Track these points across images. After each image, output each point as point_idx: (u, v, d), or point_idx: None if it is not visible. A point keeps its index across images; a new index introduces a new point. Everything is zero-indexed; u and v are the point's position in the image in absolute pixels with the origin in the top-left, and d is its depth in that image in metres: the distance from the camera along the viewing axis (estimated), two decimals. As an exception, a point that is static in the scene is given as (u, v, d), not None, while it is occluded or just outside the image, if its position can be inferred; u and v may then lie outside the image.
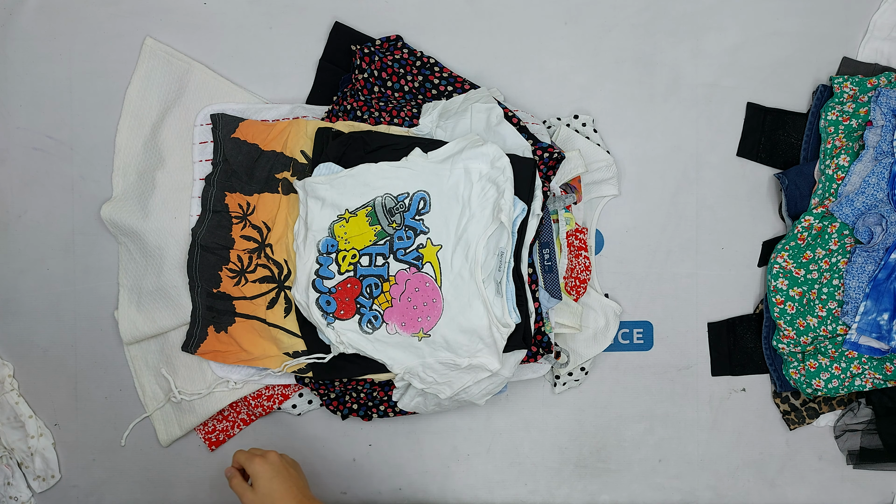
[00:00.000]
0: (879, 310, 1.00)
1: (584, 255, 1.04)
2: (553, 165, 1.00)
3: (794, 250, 1.03)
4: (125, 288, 1.04)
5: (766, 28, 1.08)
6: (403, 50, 1.05)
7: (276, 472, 0.90)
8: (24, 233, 1.07)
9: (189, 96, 1.05)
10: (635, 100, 1.08)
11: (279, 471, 0.90)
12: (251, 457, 0.91)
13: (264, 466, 0.90)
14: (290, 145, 1.02)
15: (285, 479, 0.90)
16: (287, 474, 0.90)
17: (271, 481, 0.89)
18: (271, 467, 0.90)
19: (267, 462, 0.90)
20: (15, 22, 1.07)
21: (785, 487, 1.09)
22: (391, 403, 1.04)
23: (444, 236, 0.97)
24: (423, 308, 0.97)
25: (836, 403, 1.07)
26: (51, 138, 1.07)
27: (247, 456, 0.92)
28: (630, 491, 1.09)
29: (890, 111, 1.00)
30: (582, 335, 1.05)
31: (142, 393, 1.06)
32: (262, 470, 0.89)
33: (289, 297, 1.02)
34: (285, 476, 0.90)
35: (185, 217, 1.04)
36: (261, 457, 0.91)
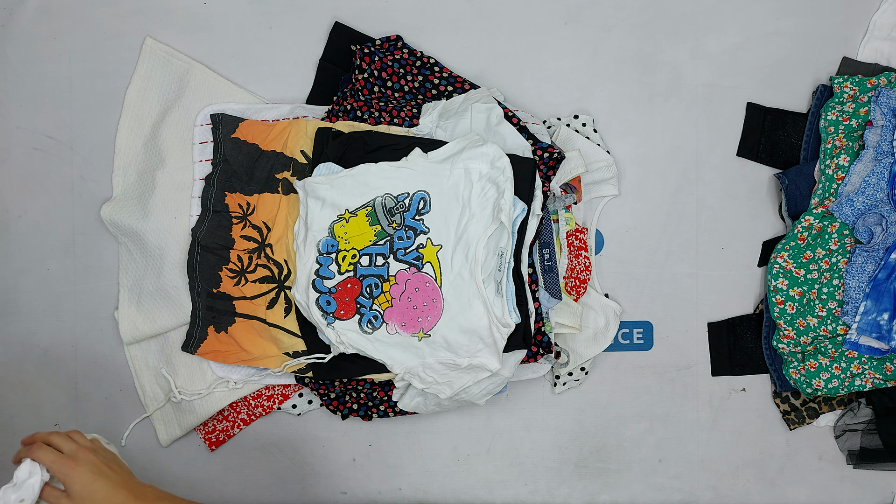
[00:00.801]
0: (879, 310, 1.00)
1: (584, 255, 1.04)
2: (553, 165, 1.00)
3: (794, 250, 1.03)
4: (125, 288, 1.04)
5: (766, 28, 1.08)
6: (403, 50, 1.05)
7: (98, 474, 0.76)
8: (24, 233, 1.07)
9: (189, 96, 1.05)
10: (635, 100, 1.08)
11: (100, 471, 0.76)
12: (60, 460, 0.76)
13: (79, 470, 0.75)
14: (290, 145, 1.02)
15: (108, 478, 0.77)
16: (109, 471, 0.77)
17: (92, 484, 0.75)
18: (89, 469, 0.76)
19: (81, 464, 0.76)
20: (15, 22, 1.07)
21: (785, 487, 1.09)
22: (391, 403, 1.04)
23: (444, 236, 0.97)
24: (423, 308, 0.97)
25: (836, 403, 1.07)
26: (51, 138, 1.07)
27: (53, 458, 0.76)
28: (630, 491, 1.09)
29: (890, 111, 1.00)
30: (582, 335, 1.05)
31: (142, 393, 1.06)
32: (78, 475, 0.75)
33: (289, 297, 1.02)
34: (108, 475, 0.77)
35: (185, 217, 1.04)
36: (72, 459, 0.76)
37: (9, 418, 1.07)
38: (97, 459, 0.77)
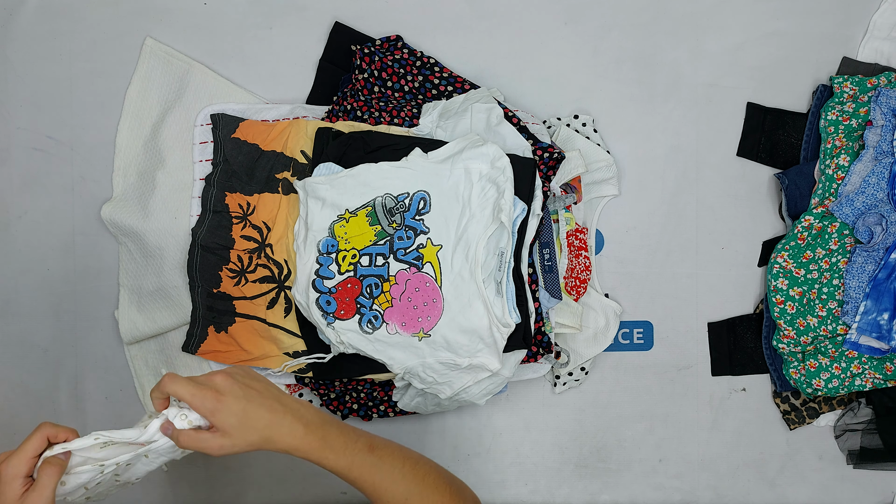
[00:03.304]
0: (879, 309, 1.00)
1: (584, 255, 1.04)
2: (553, 165, 1.00)
3: (794, 250, 1.03)
4: (125, 288, 1.04)
5: (766, 28, 1.08)
6: (403, 50, 1.05)
7: (247, 400, 0.68)
8: (24, 233, 1.07)
9: (189, 96, 1.05)
10: (635, 100, 1.08)
11: (248, 395, 0.68)
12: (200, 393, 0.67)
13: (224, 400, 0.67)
14: (291, 145, 1.02)
15: (259, 402, 0.68)
16: (257, 394, 0.69)
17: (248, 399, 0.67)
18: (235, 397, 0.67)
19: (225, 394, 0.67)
20: (15, 22, 1.07)
21: (785, 487, 1.09)
22: (391, 403, 1.04)
23: (445, 236, 0.97)
24: (424, 308, 0.97)
25: (836, 403, 1.07)
26: (51, 138, 1.07)
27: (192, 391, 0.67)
28: (630, 491, 1.09)
29: (890, 111, 1.00)
30: (582, 335, 1.05)
31: (142, 393, 1.06)
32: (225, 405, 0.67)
33: (289, 297, 1.02)
34: (256, 398, 0.68)
35: (186, 217, 1.04)
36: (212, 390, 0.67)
37: (9, 418, 1.07)
38: (239, 383, 0.68)
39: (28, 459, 0.67)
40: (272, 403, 0.69)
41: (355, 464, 0.72)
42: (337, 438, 0.72)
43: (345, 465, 0.72)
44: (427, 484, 0.75)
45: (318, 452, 0.71)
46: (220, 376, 0.68)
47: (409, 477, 0.75)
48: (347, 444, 0.73)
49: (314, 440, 0.71)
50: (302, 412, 0.71)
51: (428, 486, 0.75)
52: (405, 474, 0.75)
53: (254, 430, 0.68)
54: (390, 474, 0.74)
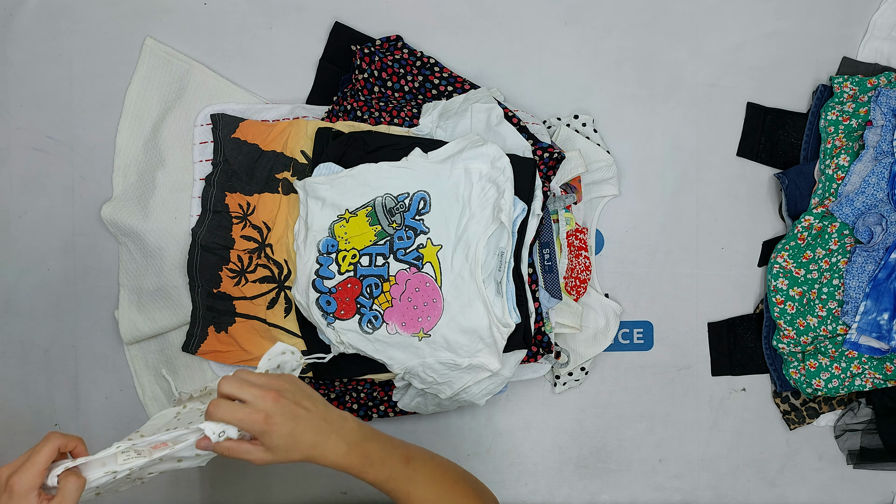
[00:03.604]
0: (879, 309, 1.00)
1: (584, 255, 1.04)
2: (553, 165, 1.00)
3: (794, 250, 1.03)
4: (125, 288, 1.04)
5: (766, 28, 1.08)
6: (403, 50, 1.05)
7: (295, 419, 0.68)
8: (24, 233, 1.07)
9: (189, 96, 1.05)
10: (635, 100, 1.08)
11: (296, 415, 0.68)
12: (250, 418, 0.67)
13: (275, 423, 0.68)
14: (291, 145, 1.02)
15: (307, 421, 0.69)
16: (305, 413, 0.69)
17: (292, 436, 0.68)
18: (285, 419, 0.68)
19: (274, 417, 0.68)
20: (15, 22, 1.07)
21: (785, 487, 1.09)
22: (391, 403, 1.04)
23: (445, 236, 0.97)
24: (424, 308, 0.97)
25: (836, 403, 1.07)
26: (51, 138, 1.07)
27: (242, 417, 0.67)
28: (630, 491, 1.09)
29: (890, 111, 1.00)
30: (582, 335, 1.05)
31: (142, 393, 1.06)
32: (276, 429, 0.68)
33: (289, 297, 1.02)
34: (305, 418, 0.69)
35: (186, 217, 1.04)
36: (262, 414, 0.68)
37: (9, 418, 1.07)
38: (289, 403, 0.68)
39: (41, 472, 0.66)
40: (319, 424, 0.71)
41: (392, 476, 0.75)
42: (376, 453, 0.75)
43: (383, 479, 0.75)
44: (456, 492, 0.79)
45: (358, 468, 0.74)
46: (272, 397, 0.69)
47: (440, 485, 0.78)
48: (385, 459, 0.75)
49: (356, 458, 0.73)
50: (346, 430, 0.73)
51: (457, 493, 0.79)
52: (436, 483, 0.78)
53: (298, 450, 0.70)
54: (423, 484, 0.76)
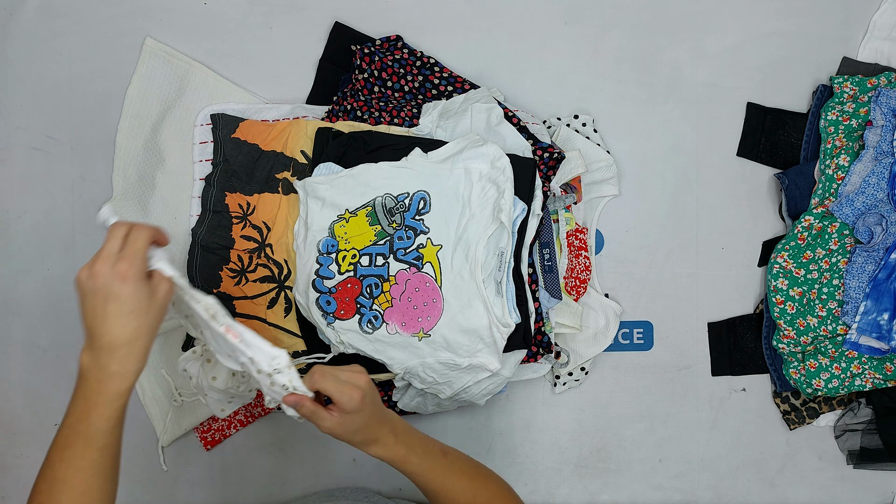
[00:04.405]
0: (879, 310, 1.00)
1: (584, 255, 1.04)
2: (553, 165, 1.00)
3: (794, 250, 1.03)
4: (125, 288, 1.04)
5: (766, 28, 1.08)
6: (403, 50, 1.05)
7: (375, 394, 0.75)
8: (24, 233, 1.07)
9: (189, 96, 1.05)
10: (635, 100, 1.08)
11: (376, 392, 0.76)
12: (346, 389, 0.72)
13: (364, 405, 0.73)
14: (291, 145, 1.02)
15: (379, 401, 0.76)
16: (378, 396, 0.76)
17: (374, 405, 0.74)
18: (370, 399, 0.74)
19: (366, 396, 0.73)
20: (15, 22, 1.07)
21: (785, 487, 1.09)
22: (391, 403, 1.04)
23: (444, 236, 0.97)
24: (424, 308, 0.97)
25: (836, 403, 1.07)
26: (51, 138, 1.07)
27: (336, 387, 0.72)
28: (630, 491, 1.09)
29: (890, 111, 1.00)
30: (582, 335, 1.05)
31: (142, 393, 1.06)
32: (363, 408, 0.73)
33: (289, 297, 1.02)
34: (378, 398, 0.76)
35: (185, 217, 1.05)
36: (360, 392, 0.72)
37: (9, 418, 1.07)
38: (368, 384, 0.74)
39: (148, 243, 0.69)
40: (381, 416, 0.76)
41: (432, 468, 0.79)
42: (418, 445, 0.79)
43: (424, 469, 0.78)
44: (488, 484, 0.83)
45: (402, 458, 0.77)
46: (365, 379, 0.74)
47: (474, 477, 0.82)
48: (426, 450, 0.79)
49: (401, 448, 0.77)
50: (395, 423, 0.78)
51: (489, 485, 0.83)
52: (470, 475, 0.82)
53: (363, 434, 0.75)
54: (459, 475, 0.80)
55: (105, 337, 0.66)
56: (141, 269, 0.67)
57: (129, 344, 0.67)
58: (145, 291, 0.67)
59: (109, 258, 0.67)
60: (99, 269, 0.66)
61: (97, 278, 0.66)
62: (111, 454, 0.69)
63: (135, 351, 0.68)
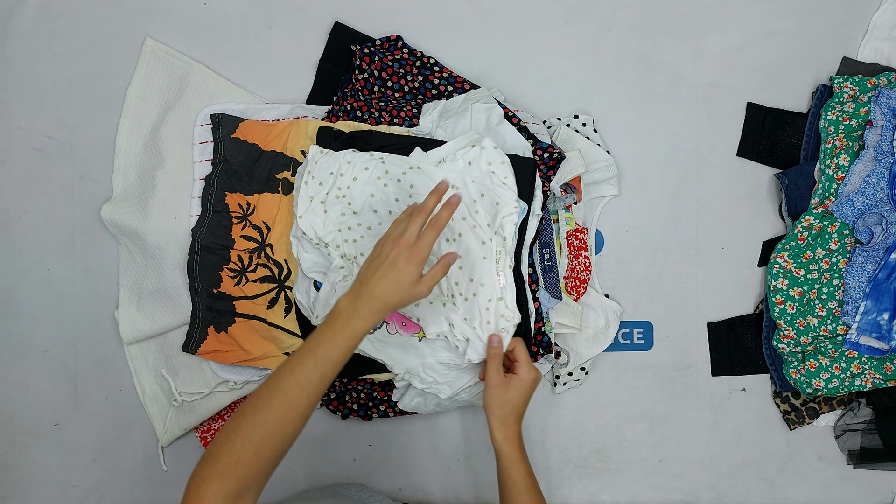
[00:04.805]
0: (879, 310, 1.00)
1: (584, 255, 1.04)
2: (553, 165, 1.00)
3: (794, 250, 1.03)
4: (125, 288, 1.04)
5: (766, 28, 1.08)
6: (403, 50, 1.05)
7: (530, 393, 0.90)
8: (24, 233, 1.07)
9: (189, 96, 1.05)
10: (635, 100, 1.08)
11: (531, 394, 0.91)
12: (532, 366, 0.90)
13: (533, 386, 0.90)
14: (291, 145, 1.02)
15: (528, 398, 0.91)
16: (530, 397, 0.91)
17: (531, 396, 0.90)
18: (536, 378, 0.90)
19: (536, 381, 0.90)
20: (15, 22, 1.07)
21: (785, 487, 1.09)
22: (391, 403, 1.04)
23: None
24: (424, 308, 0.97)
25: (836, 403, 1.07)
26: (51, 138, 1.07)
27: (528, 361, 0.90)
28: (630, 491, 1.09)
29: (890, 111, 1.00)
30: (582, 335, 1.05)
31: (142, 393, 1.06)
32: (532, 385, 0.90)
33: (289, 297, 1.02)
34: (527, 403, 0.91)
35: (186, 217, 1.04)
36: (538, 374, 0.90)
37: (9, 418, 1.07)
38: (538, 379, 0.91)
39: None
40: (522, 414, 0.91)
41: (530, 468, 0.90)
42: (523, 456, 0.90)
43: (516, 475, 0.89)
44: None
45: (505, 453, 0.89)
46: (540, 375, 0.91)
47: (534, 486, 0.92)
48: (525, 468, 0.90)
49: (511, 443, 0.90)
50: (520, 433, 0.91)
51: None
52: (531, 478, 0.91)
53: (504, 407, 0.89)
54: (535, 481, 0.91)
55: (372, 289, 0.81)
56: (424, 260, 0.82)
57: (383, 302, 0.81)
58: (416, 278, 0.81)
59: (410, 239, 0.81)
60: (402, 242, 0.81)
61: (395, 249, 0.81)
62: (323, 387, 0.79)
63: (382, 310, 0.81)
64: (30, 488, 1.08)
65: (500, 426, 0.89)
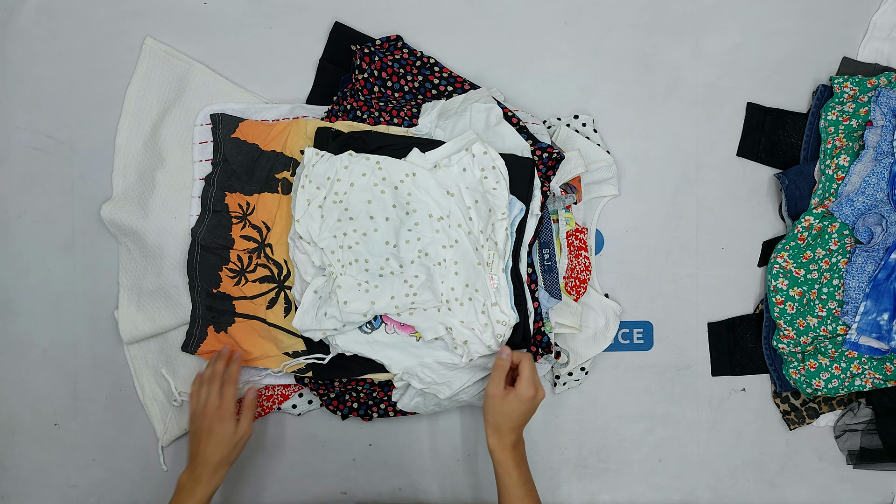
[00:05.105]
0: (879, 310, 1.00)
1: (584, 255, 1.04)
2: (553, 165, 1.00)
3: (794, 250, 1.03)
4: (125, 288, 1.04)
5: (766, 28, 1.08)
6: (403, 50, 1.05)
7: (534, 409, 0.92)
8: (24, 233, 1.07)
9: (189, 96, 1.05)
10: (635, 100, 1.08)
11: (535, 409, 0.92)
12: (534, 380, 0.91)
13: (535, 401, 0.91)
14: (290, 145, 1.02)
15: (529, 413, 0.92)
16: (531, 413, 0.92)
17: (531, 411, 0.91)
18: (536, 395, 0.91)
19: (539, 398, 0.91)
20: (15, 22, 1.07)
21: (785, 487, 1.09)
22: (391, 403, 1.04)
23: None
24: (423, 308, 0.97)
25: (836, 403, 1.07)
26: (51, 138, 1.07)
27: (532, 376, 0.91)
28: (630, 491, 1.09)
29: (890, 111, 1.00)
30: (582, 335, 1.05)
31: (142, 393, 1.06)
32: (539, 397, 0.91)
33: (289, 297, 1.02)
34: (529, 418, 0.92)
35: (185, 217, 1.04)
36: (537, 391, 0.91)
37: (8, 418, 1.07)
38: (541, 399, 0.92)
39: None
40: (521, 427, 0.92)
41: (527, 481, 0.91)
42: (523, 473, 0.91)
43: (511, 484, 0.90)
44: None
45: (503, 464, 0.90)
46: (544, 393, 0.92)
47: None
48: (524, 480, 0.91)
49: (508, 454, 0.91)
50: (521, 443, 0.93)
51: None
52: None
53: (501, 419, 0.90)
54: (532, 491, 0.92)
55: (204, 458, 0.92)
56: (233, 413, 0.94)
57: (216, 463, 0.92)
58: (233, 429, 0.93)
59: (214, 403, 0.94)
60: (209, 411, 0.94)
61: (206, 418, 0.93)
62: None
63: (219, 469, 0.92)
64: (30, 488, 1.08)
65: (494, 433, 0.91)
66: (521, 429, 0.92)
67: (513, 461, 0.90)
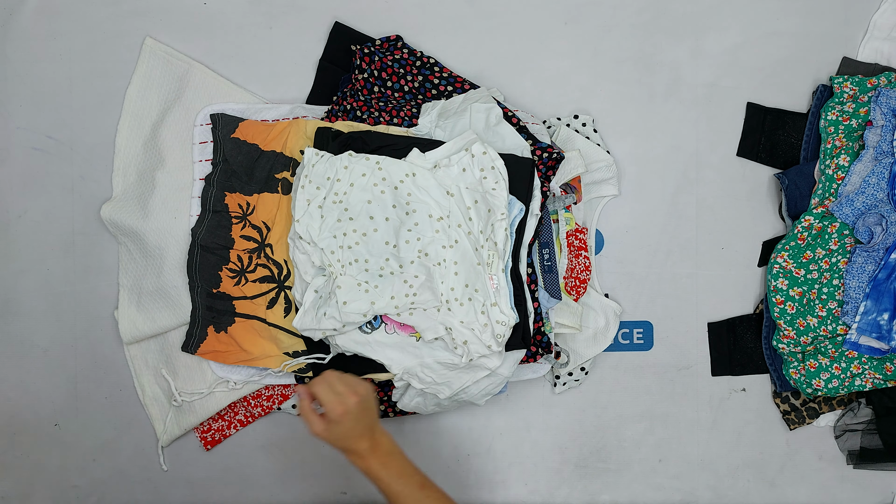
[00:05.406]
0: (879, 310, 1.00)
1: (584, 255, 1.04)
2: (553, 165, 1.00)
3: (794, 250, 1.03)
4: (125, 288, 1.04)
5: (766, 28, 1.08)
6: (403, 50, 1.05)
7: (364, 411, 0.84)
8: (24, 233, 1.07)
9: (189, 96, 1.05)
10: (635, 100, 1.08)
11: (367, 409, 0.85)
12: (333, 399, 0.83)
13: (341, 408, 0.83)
14: (290, 145, 1.02)
15: (368, 417, 0.85)
16: (361, 415, 0.84)
17: (357, 421, 0.83)
18: (361, 405, 0.84)
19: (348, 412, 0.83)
20: (15, 22, 1.07)
21: (785, 487, 1.09)
22: (391, 403, 1.04)
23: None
24: (423, 308, 0.97)
25: (836, 403, 1.07)
26: (51, 138, 1.07)
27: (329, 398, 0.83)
28: (630, 491, 1.09)
29: (890, 111, 1.00)
30: (582, 335, 1.05)
31: (142, 393, 1.06)
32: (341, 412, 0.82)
33: (289, 297, 1.02)
34: (369, 415, 0.85)
35: (185, 217, 1.04)
36: (339, 398, 0.83)
37: (9, 418, 1.07)
38: (359, 409, 0.84)
39: None
40: (367, 431, 0.85)
41: (402, 493, 0.84)
42: (396, 468, 0.86)
43: (394, 492, 0.84)
44: None
45: (375, 475, 0.84)
46: (354, 400, 0.84)
47: None
48: (402, 475, 0.85)
49: (375, 464, 0.84)
50: (379, 441, 0.86)
51: None
52: None
53: (344, 442, 0.84)
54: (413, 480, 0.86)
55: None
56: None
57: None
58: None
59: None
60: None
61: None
62: None
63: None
64: (30, 488, 1.08)
65: (351, 456, 0.85)
66: (366, 433, 0.84)
67: (378, 468, 0.84)
